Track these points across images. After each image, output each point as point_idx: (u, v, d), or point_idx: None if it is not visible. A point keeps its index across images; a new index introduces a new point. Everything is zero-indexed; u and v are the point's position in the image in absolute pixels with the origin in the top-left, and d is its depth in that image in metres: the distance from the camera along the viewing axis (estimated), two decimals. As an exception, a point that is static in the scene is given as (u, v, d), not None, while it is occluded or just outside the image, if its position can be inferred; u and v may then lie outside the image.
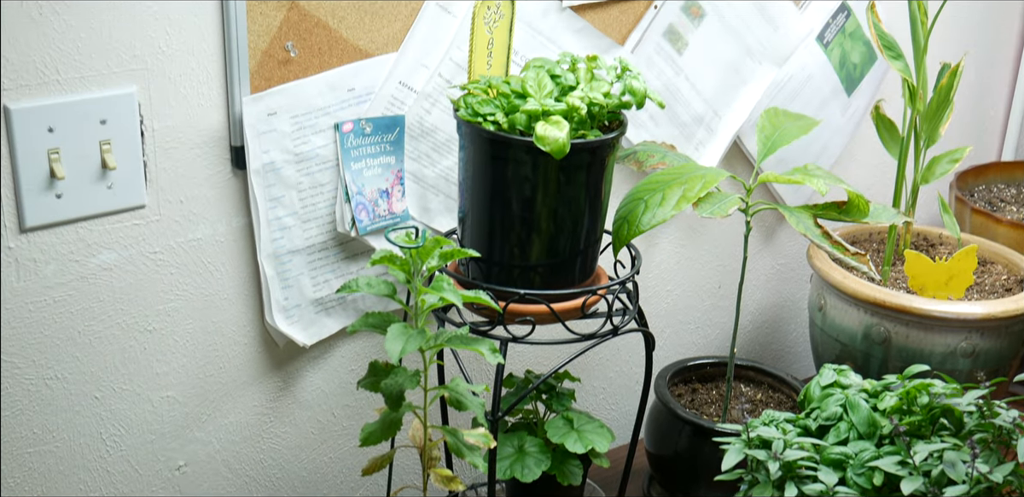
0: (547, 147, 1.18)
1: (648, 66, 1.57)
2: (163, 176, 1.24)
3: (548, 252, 1.27)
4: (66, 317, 1.23)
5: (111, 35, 1.15)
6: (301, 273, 1.36)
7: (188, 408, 1.36)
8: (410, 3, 1.33)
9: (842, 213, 1.43)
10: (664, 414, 1.55)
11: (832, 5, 1.76)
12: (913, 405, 1.25)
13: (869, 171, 2.02)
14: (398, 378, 1.22)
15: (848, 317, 1.65)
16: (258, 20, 1.22)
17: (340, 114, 1.32)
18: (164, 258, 1.27)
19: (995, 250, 1.79)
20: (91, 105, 1.16)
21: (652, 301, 1.78)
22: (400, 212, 1.40)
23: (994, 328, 1.59)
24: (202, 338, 1.34)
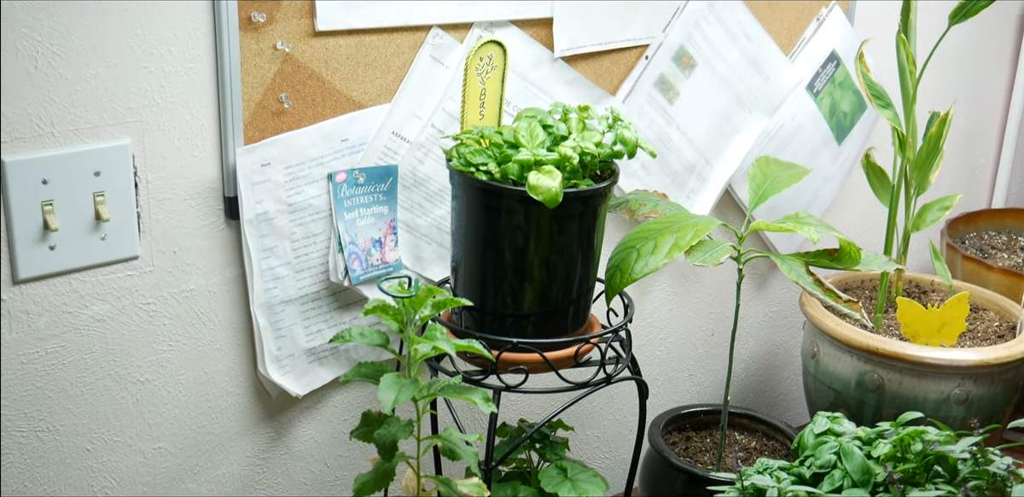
0: (540, 196, 1.19)
1: (639, 116, 1.59)
2: (157, 227, 1.24)
3: (541, 301, 1.28)
4: (58, 369, 1.23)
5: (106, 88, 1.16)
6: (294, 323, 1.36)
7: (181, 459, 1.35)
8: (403, 55, 1.35)
9: (834, 261, 1.43)
10: (658, 462, 1.54)
11: (821, 55, 1.78)
12: (907, 452, 1.25)
13: (860, 219, 2.03)
14: (391, 428, 1.21)
15: (841, 364, 1.65)
16: (252, 72, 1.24)
17: (333, 164, 1.33)
18: (157, 309, 1.27)
19: (987, 297, 1.80)
20: (85, 157, 1.16)
21: (645, 349, 1.78)
22: (393, 261, 1.41)
23: (987, 375, 1.59)
24: (195, 389, 1.34)
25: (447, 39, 1.37)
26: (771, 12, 1.70)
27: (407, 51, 1.35)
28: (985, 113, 2.22)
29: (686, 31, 1.59)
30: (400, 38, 1.34)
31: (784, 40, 1.73)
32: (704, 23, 1.61)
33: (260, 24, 1.23)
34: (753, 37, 1.68)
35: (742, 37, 1.66)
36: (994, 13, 2.09)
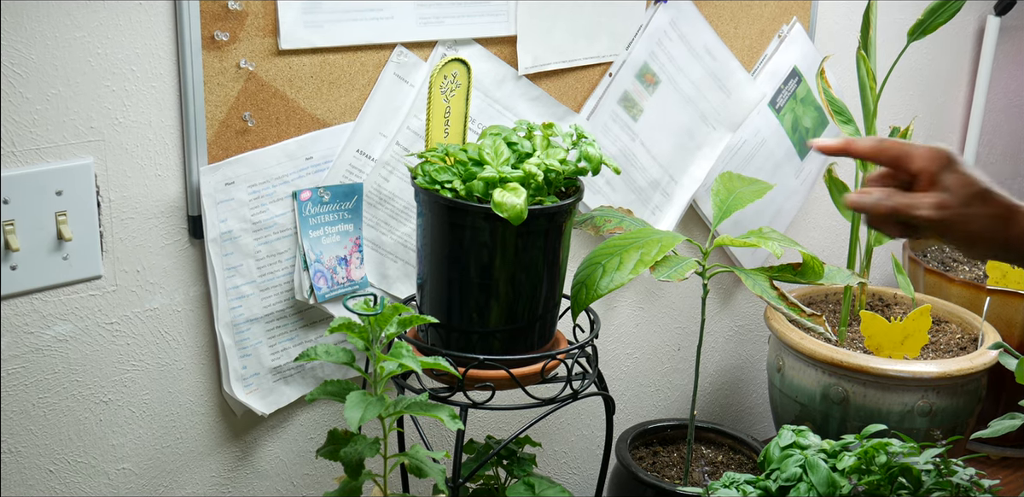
0: (505, 213, 1.19)
1: (604, 132, 1.59)
2: (119, 246, 1.24)
3: (507, 317, 1.28)
4: (20, 389, 1.21)
5: (68, 107, 1.15)
6: (259, 341, 1.35)
7: (145, 480, 1.34)
8: (367, 73, 1.35)
9: (797, 275, 1.44)
10: (626, 477, 1.55)
11: (783, 71, 1.80)
12: (872, 465, 1.26)
13: (823, 233, 2.05)
14: (357, 446, 1.21)
15: (806, 377, 1.66)
16: (216, 91, 1.24)
17: (298, 182, 1.33)
18: (120, 328, 1.27)
19: (949, 309, 1.81)
20: (47, 176, 1.16)
21: (612, 364, 1.78)
22: (358, 279, 1.40)
23: (950, 387, 1.61)
24: (159, 409, 1.33)
25: (411, 57, 1.37)
26: (733, 29, 1.71)
27: (371, 69, 1.35)
28: (945, 128, 2.25)
29: (649, 48, 1.60)
30: (364, 57, 1.34)
31: (746, 57, 1.75)
32: (667, 40, 1.62)
33: (223, 43, 1.23)
34: (716, 54, 1.69)
35: (705, 54, 1.68)
36: (952, 30, 2.12)
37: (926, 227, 1.04)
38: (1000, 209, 1.02)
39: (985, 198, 1.02)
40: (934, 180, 1.03)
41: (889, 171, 1.07)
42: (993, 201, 1.02)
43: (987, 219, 1.02)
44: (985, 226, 1.02)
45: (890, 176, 1.07)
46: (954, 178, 1.02)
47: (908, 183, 1.05)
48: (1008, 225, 1.02)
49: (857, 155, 1.07)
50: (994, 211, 1.02)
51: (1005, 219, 1.02)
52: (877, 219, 1.05)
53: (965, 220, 1.01)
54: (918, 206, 1.02)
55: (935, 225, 1.02)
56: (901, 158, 1.04)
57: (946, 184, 1.02)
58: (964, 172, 1.03)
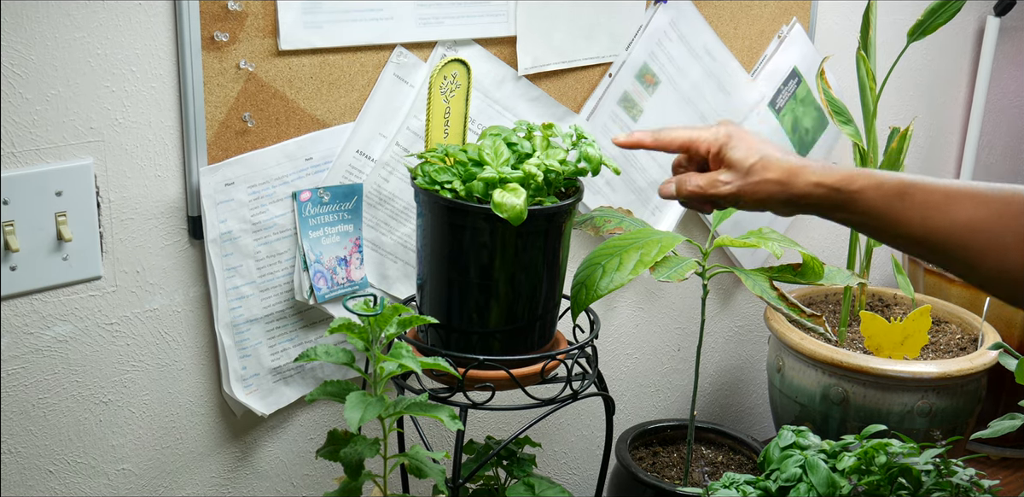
0: (504, 214, 1.19)
1: (604, 133, 1.59)
2: (119, 247, 1.24)
3: (507, 318, 1.28)
4: (20, 390, 1.21)
5: (67, 108, 1.15)
6: (259, 342, 1.35)
7: (145, 480, 1.34)
8: (367, 74, 1.35)
9: (797, 275, 1.44)
10: (626, 478, 1.55)
11: (783, 72, 1.80)
12: (871, 465, 1.26)
13: (823, 234, 2.05)
14: (357, 447, 1.21)
15: (806, 378, 1.66)
16: (215, 91, 1.24)
17: (298, 183, 1.33)
18: (120, 329, 1.27)
19: (949, 310, 1.81)
20: (47, 177, 1.16)
21: (611, 365, 1.78)
22: (358, 280, 1.40)
23: (950, 387, 1.61)
24: (159, 409, 1.33)
25: (411, 58, 1.37)
26: (733, 30, 1.71)
27: (371, 70, 1.35)
28: (944, 128, 2.25)
29: (649, 49, 1.60)
30: (364, 57, 1.34)
31: (746, 58, 1.75)
32: (667, 41, 1.62)
33: (223, 43, 1.23)
34: (715, 55, 1.69)
35: (704, 55, 1.68)
36: (952, 31, 2.12)
37: (725, 201, 1.15)
38: (781, 172, 1.11)
39: (765, 165, 1.12)
40: (720, 158, 1.15)
41: (686, 156, 1.20)
42: (773, 165, 1.12)
43: (771, 184, 1.11)
44: (771, 190, 1.12)
45: (689, 160, 1.20)
46: (735, 152, 1.13)
47: (705, 163, 1.18)
48: (788, 185, 1.11)
49: (647, 148, 1.20)
50: (776, 175, 1.11)
51: (785, 182, 1.11)
52: (685, 201, 1.18)
53: (754, 188, 1.12)
54: (711, 185, 1.14)
55: (731, 198, 1.14)
56: (688, 145, 1.17)
57: (730, 160, 1.13)
58: (744, 145, 1.13)
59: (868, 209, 1.08)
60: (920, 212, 1.06)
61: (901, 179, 1.08)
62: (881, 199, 1.07)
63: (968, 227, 1.04)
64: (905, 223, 1.07)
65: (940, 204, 1.05)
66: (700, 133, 1.16)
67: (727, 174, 1.13)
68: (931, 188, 1.06)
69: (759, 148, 1.13)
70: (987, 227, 1.04)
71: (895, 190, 1.07)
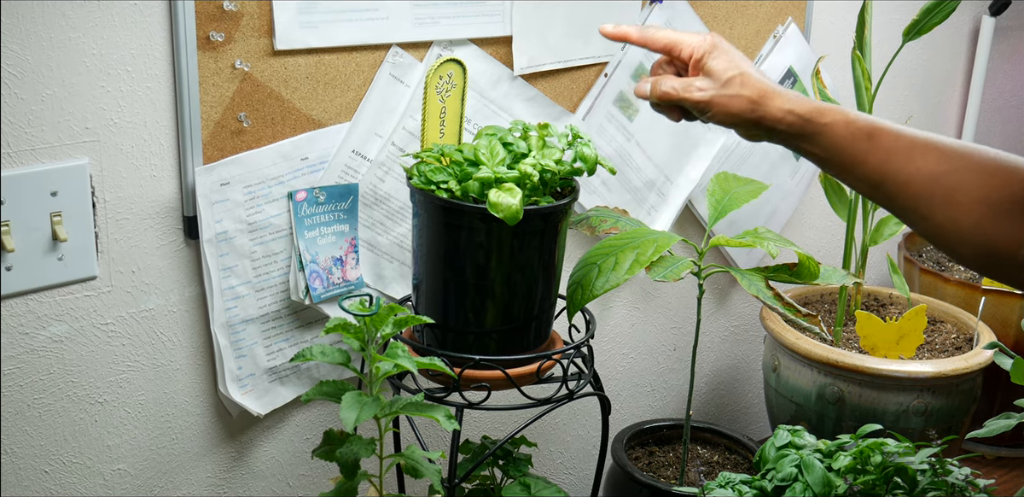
0: (500, 214, 1.19)
1: (599, 133, 1.59)
2: (115, 247, 1.23)
3: (503, 318, 1.28)
4: (15, 390, 1.21)
5: (63, 108, 1.15)
6: (255, 342, 1.35)
7: (140, 481, 1.34)
8: (363, 74, 1.35)
9: (793, 275, 1.45)
10: (621, 478, 1.55)
11: (778, 72, 1.80)
12: (867, 464, 1.26)
13: (819, 233, 2.05)
14: (353, 447, 1.21)
15: (802, 377, 1.66)
16: (211, 91, 1.24)
17: (293, 183, 1.33)
18: (116, 329, 1.26)
19: (944, 309, 1.82)
20: (42, 177, 1.16)
21: (607, 365, 1.78)
22: (354, 280, 1.40)
23: (945, 386, 1.61)
24: (154, 409, 1.33)
25: (407, 58, 1.37)
26: (729, 30, 1.71)
27: (367, 70, 1.35)
28: (940, 128, 2.25)
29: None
30: (360, 57, 1.34)
31: (741, 57, 1.75)
32: (662, 40, 1.62)
33: (218, 43, 1.23)
34: (710, 54, 1.69)
35: (700, 54, 1.68)
36: (947, 30, 2.12)
37: (695, 109, 1.15)
38: (756, 91, 1.12)
39: (743, 81, 1.12)
40: (700, 65, 1.15)
41: (667, 58, 1.20)
42: (750, 83, 1.12)
43: (744, 100, 1.12)
44: (743, 106, 1.12)
45: (668, 63, 1.20)
46: (717, 62, 1.13)
47: (684, 69, 1.18)
48: (760, 105, 1.11)
49: (632, 42, 1.20)
50: (750, 93, 1.12)
51: (758, 102, 1.11)
52: (656, 104, 1.18)
53: (726, 101, 1.12)
54: (686, 89, 1.14)
55: (702, 106, 1.14)
56: (672, 46, 1.17)
57: (710, 68, 1.14)
58: (726, 57, 1.14)
59: (833, 144, 1.09)
60: (883, 155, 1.07)
61: (871, 121, 1.09)
62: (848, 136, 1.09)
63: (926, 178, 1.06)
64: (866, 164, 1.08)
65: (904, 151, 1.07)
66: (686, 37, 1.17)
67: (703, 81, 1.13)
68: (898, 134, 1.08)
69: (740, 64, 1.14)
70: (944, 180, 1.05)
71: (863, 130, 1.08)
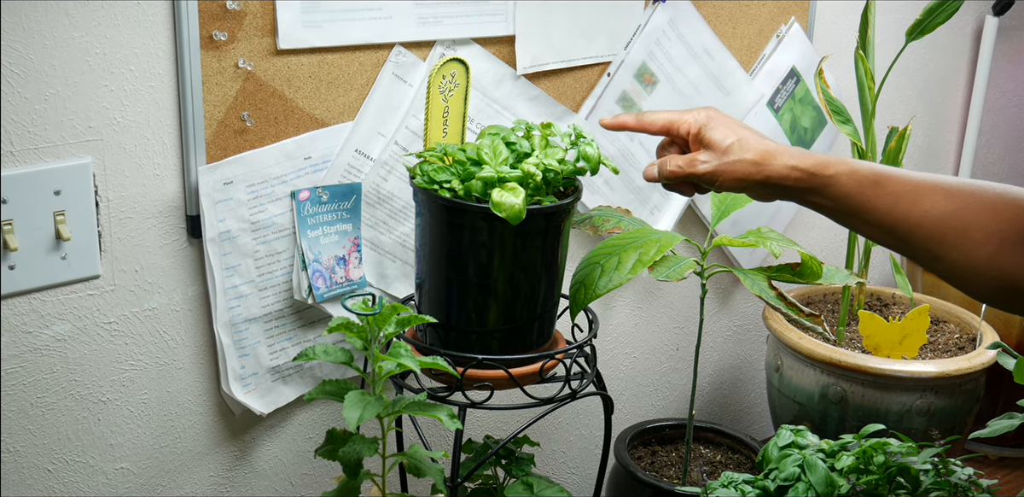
0: (503, 213, 1.19)
1: (602, 132, 1.59)
2: (118, 246, 1.24)
3: (505, 317, 1.28)
4: (18, 389, 1.21)
5: (66, 107, 1.15)
6: (258, 341, 1.35)
7: (143, 479, 1.34)
8: (366, 73, 1.35)
9: (796, 275, 1.45)
10: (624, 477, 1.55)
11: (781, 71, 1.80)
12: (870, 464, 1.26)
13: (822, 233, 2.05)
14: (356, 446, 1.21)
15: (805, 377, 1.66)
16: (214, 90, 1.24)
17: (296, 182, 1.33)
18: (119, 328, 1.27)
19: (947, 309, 1.82)
20: (45, 176, 1.16)
21: (610, 364, 1.78)
22: (357, 279, 1.40)
23: (948, 386, 1.61)
24: (157, 408, 1.33)
25: (410, 57, 1.37)
26: (732, 29, 1.71)
27: (370, 69, 1.35)
28: (943, 128, 2.25)
29: (647, 48, 1.60)
30: (363, 56, 1.34)
31: (744, 57, 1.75)
32: (665, 40, 1.62)
33: (222, 42, 1.23)
34: (714, 54, 1.69)
35: (703, 54, 1.68)
36: (950, 30, 2.12)
37: (702, 181, 1.18)
38: (756, 153, 1.15)
39: (742, 145, 1.15)
40: (699, 138, 1.19)
41: (668, 140, 1.24)
42: (749, 146, 1.15)
43: (747, 164, 1.15)
44: (747, 170, 1.15)
45: (671, 144, 1.24)
46: (713, 133, 1.17)
47: (686, 146, 1.22)
48: (763, 166, 1.14)
49: (631, 129, 1.24)
50: (751, 156, 1.15)
51: (761, 163, 1.14)
52: (667, 183, 1.21)
53: (729, 168, 1.15)
54: (690, 164, 1.18)
55: (708, 177, 1.17)
56: (669, 126, 1.21)
57: (709, 139, 1.17)
58: (722, 127, 1.17)
59: (841, 195, 1.11)
60: (891, 201, 1.09)
61: (874, 169, 1.11)
62: (854, 186, 1.11)
63: (936, 219, 1.08)
64: (875, 211, 1.10)
65: (910, 194, 1.09)
66: (681, 115, 1.20)
67: (705, 154, 1.17)
68: (903, 179, 1.10)
69: (737, 130, 1.17)
70: (954, 219, 1.07)
71: (869, 179, 1.10)
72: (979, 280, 1.07)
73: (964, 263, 1.07)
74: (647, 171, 1.22)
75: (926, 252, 1.09)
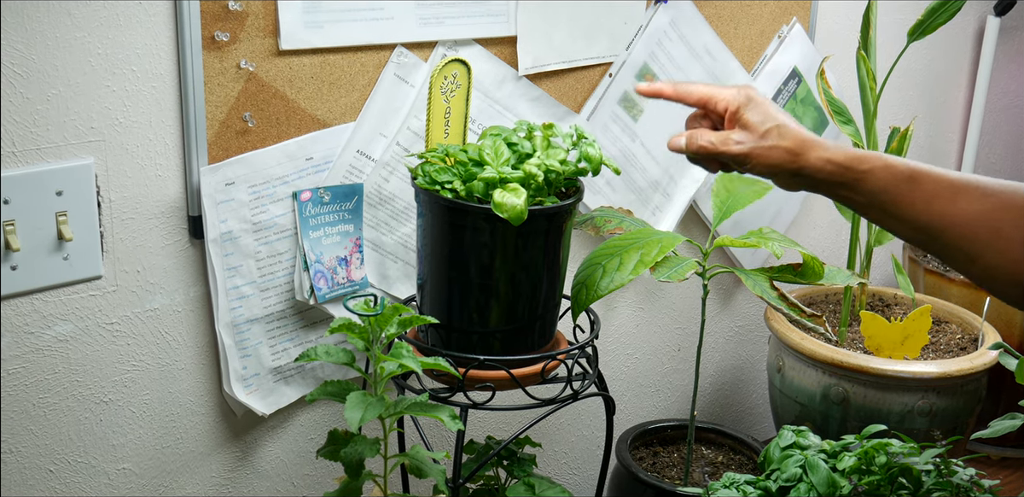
0: (505, 214, 1.19)
1: (604, 133, 1.59)
2: (120, 246, 1.24)
3: (507, 318, 1.28)
4: (20, 390, 1.21)
5: (68, 108, 1.15)
6: (259, 342, 1.35)
7: (145, 480, 1.34)
8: (368, 74, 1.35)
9: (798, 275, 1.45)
10: (626, 478, 1.55)
11: (783, 72, 1.80)
12: (872, 465, 1.26)
13: (823, 233, 2.05)
14: (358, 446, 1.21)
15: (806, 378, 1.66)
16: (216, 91, 1.24)
17: (298, 183, 1.33)
18: (121, 328, 1.27)
19: (949, 310, 1.81)
20: (47, 177, 1.16)
21: (612, 365, 1.78)
22: (359, 280, 1.41)
23: (950, 387, 1.61)
24: (159, 409, 1.33)
25: (411, 58, 1.37)
26: (733, 30, 1.71)
27: (372, 70, 1.35)
28: (945, 128, 2.25)
29: (649, 49, 1.60)
30: (364, 57, 1.34)
31: (746, 57, 1.75)
32: (667, 41, 1.62)
33: (224, 43, 1.23)
34: (715, 54, 1.69)
35: (704, 54, 1.68)
36: (952, 30, 2.12)
37: (733, 161, 1.15)
38: (794, 142, 1.12)
39: (781, 132, 1.13)
40: (736, 118, 1.15)
41: (701, 112, 1.20)
42: (788, 134, 1.13)
43: (782, 151, 1.12)
44: (782, 157, 1.12)
45: (703, 117, 1.20)
46: (752, 115, 1.14)
47: (719, 122, 1.18)
48: (799, 156, 1.12)
49: (667, 97, 1.20)
50: (788, 144, 1.12)
51: (797, 153, 1.12)
52: (693, 157, 1.18)
53: (765, 152, 1.13)
54: (723, 142, 1.15)
55: (740, 158, 1.14)
56: (706, 100, 1.17)
57: (747, 120, 1.14)
58: (762, 110, 1.14)
59: (875, 190, 1.09)
60: (925, 198, 1.08)
61: (909, 165, 1.09)
62: (889, 180, 1.09)
63: (972, 218, 1.06)
64: (910, 207, 1.08)
65: (946, 193, 1.07)
66: (721, 91, 1.17)
67: (741, 134, 1.14)
68: (938, 177, 1.08)
69: (776, 115, 1.14)
70: (990, 219, 1.05)
71: (904, 174, 1.09)
72: (1013, 281, 1.05)
73: (998, 264, 1.05)
74: (673, 141, 1.18)
75: (959, 252, 1.07)
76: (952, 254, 1.08)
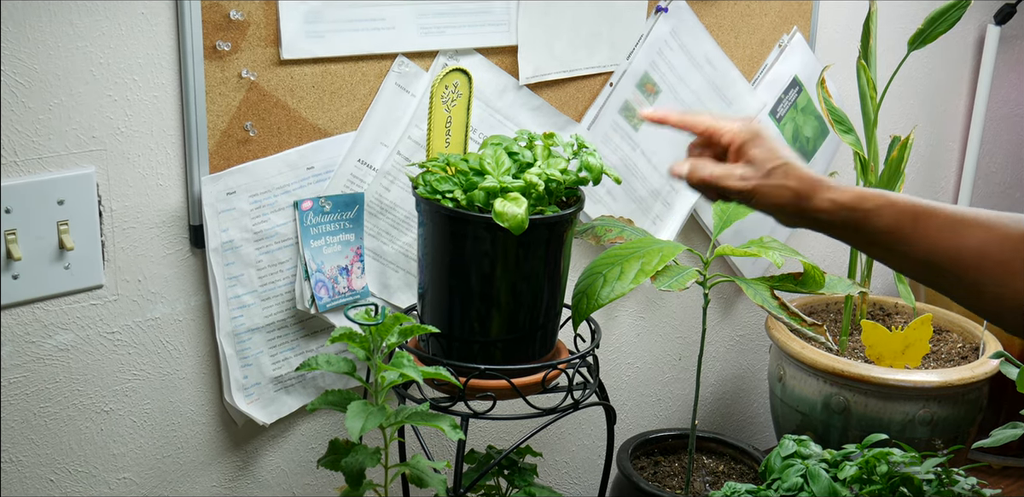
0: (506, 223, 1.19)
1: (604, 142, 1.60)
2: (121, 256, 1.24)
3: (508, 327, 1.28)
4: (21, 399, 1.21)
5: (70, 117, 1.16)
6: (260, 351, 1.35)
7: (146, 490, 1.34)
8: (368, 83, 1.35)
9: (798, 284, 1.45)
10: (627, 488, 1.54)
11: (784, 81, 1.80)
12: (873, 474, 1.26)
13: (824, 242, 2.05)
14: (358, 456, 1.21)
15: (807, 387, 1.66)
16: (217, 101, 1.24)
17: (299, 192, 1.33)
18: (122, 338, 1.27)
19: (950, 319, 1.81)
20: (49, 186, 1.16)
21: (613, 374, 1.78)
22: (360, 289, 1.41)
23: (951, 396, 1.61)
24: (160, 418, 1.33)
25: (412, 67, 1.38)
26: (734, 39, 1.72)
27: (372, 79, 1.35)
28: (945, 136, 2.25)
29: (650, 58, 1.60)
30: (365, 66, 1.34)
31: (747, 67, 1.75)
32: (668, 50, 1.62)
33: (225, 52, 1.23)
34: (716, 64, 1.70)
35: (705, 64, 1.68)
36: (952, 39, 2.12)
37: (736, 196, 1.12)
38: (800, 182, 1.09)
39: (787, 171, 1.10)
40: (741, 153, 1.12)
41: (704, 141, 1.16)
42: (794, 174, 1.10)
43: (788, 191, 1.09)
44: (787, 198, 1.09)
45: (706, 146, 1.16)
46: (759, 152, 1.11)
47: (722, 152, 1.14)
48: (805, 199, 1.09)
49: (672, 125, 1.17)
50: (795, 184, 1.09)
51: (802, 194, 1.09)
52: (693, 185, 1.15)
53: (771, 191, 1.10)
54: (726, 177, 1.11)
55: (745, 195, 1.11)
56: (712, 132, 1.14)
57: (752, 156, 1.11)
58: (768, 147, 1.11)
59: (880, 228, 1.08)
60: (931, 234, 1.07)
61: (913, 202, 1.08)
62: (893, 219, 1.08)
63: (976, 251, 1.05)
64: (914, 244, 1.07)
65: (949, 228, 1.06)
66: (727, 123, 1.15)
67: (745, 169, 1.11)
68: (941, 213, 1.07)
69: (782, 153, 1.12)
70: (994, 251, 1.04)
71: (908, 212, 1.07)
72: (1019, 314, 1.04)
73: (1005, 296, 1.04)
74: (675, 168, 1.14)
75: (966, 285, 1.06)
76: (958, 288, 1.08)
